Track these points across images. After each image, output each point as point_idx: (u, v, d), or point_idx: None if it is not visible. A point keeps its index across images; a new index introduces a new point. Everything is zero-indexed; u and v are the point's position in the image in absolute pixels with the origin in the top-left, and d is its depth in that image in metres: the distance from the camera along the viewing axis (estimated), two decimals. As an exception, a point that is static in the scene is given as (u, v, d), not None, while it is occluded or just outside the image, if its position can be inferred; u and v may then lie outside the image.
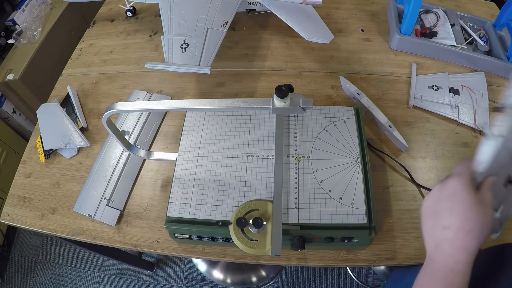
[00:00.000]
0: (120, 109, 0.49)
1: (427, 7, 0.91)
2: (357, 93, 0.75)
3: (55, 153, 0.76)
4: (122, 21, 1.01)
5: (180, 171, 0.62)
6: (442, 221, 0.38)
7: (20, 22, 1.42)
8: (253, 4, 0.82)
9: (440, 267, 0.36)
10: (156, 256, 1.48)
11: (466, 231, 0.36)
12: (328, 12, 0.96)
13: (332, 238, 0.55)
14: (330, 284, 1.36)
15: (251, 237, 0.52)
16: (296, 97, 0.44)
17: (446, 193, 0.38)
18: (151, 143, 0.75)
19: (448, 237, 0.37)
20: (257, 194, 0.58)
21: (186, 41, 0.70)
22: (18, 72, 1.33)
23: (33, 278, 1.51)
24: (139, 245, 0.63)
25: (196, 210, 0.58)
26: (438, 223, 0.38)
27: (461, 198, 0.37)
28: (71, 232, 0.66)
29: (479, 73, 0.81)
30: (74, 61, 0.94)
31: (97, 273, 1.49)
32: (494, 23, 0.87)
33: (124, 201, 0.67)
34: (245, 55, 0.88)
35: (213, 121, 0.68)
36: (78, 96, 0.85)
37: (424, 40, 0.84)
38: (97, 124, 0.79)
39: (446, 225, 0.37)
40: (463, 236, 0.36)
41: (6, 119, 1.48)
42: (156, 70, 0.85)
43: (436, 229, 0.38)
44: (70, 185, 0.71)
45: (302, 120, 0.66)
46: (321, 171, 0.60)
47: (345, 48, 0.88)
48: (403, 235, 0.60)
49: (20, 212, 0.70)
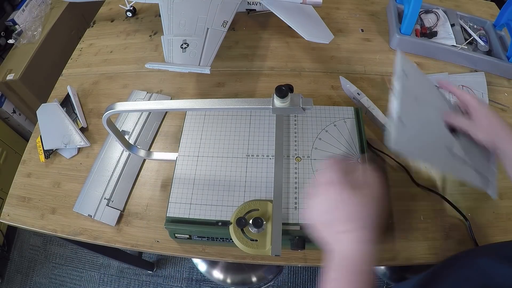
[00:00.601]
0: (120, 109, 0.49)
1: (427, 7, 0.91)
2: (357, 93, 0.75)
3: (55, 153, 0.76)
4: (122, 21, 1.01)
5: (180, 171, 0.62)
6: (334, 229, 0.42)
7: (20, 22, 1.42)
8: (253, 4, 0.82)
9: (348, 259, 0.40)
10: (156, 256, 1.48)
11: (364, 227, 0.41)
12: (328, 12, 0.96)
13: (332, 238, 0.55)
14: (330, 284, 1.36)
15: (251, 237, 0.52)
16: (296, 97, 0.44)
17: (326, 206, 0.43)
18: (151, 143, 0.75)
19: (343, 238, 0.41)
20: (257, 194, 0.58)
21: (186, 41, 0.70)
22: (18, 72, 1.33)
23: (33, 278, 1.51)
24: (139, 245, 0.63)
25: (196, 210, 0.58)
26: (331, 231, 0.42)
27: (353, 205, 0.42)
28: (71, 232, 0.66)
29: (479, 73, 0.81)
30: (74, 61, 0.94)
31: (97, 273, 1.49)
32: (494, 23, 0.87)
33: (124, 201, 0.67)
34: (245, 55, 0.88)
35: (213, 121, 0.68)
36: (78, 96, 0.85)
37: (424, 40, 0.84)
38: (97, 124, 0.79)
39: (347, 229, 0.41)
40: (355, 233, 0.41)
41: (6, 119, 1.48)
42: (156, 70, 0.85)
43: (331, 234, 0.42)
44: (70, 185, 0.71)
45: (302, 120, 0.66)
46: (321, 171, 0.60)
47: (345, 48, 0.88)
48: (403, 235, 0.60)
49: (20, 212, 0.70)
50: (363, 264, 0.40)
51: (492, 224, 0.62)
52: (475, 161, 0.54)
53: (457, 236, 0.60)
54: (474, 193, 0.64)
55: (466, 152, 0.54)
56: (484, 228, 0.61)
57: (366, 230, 0.41)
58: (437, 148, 0.52)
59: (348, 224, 0.41)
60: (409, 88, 0.53)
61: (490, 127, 0.53)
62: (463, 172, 0.53)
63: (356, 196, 0.42)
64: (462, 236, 0.60)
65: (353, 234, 0.41)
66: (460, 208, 0.61)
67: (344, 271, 0.40)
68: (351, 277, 0.39)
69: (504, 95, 0.78)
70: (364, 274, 0.40)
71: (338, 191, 0.43)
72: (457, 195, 0.64)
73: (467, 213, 0.61)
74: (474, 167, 0.54)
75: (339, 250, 0.41)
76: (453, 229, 0.61)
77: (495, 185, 0.54)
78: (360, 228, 0.41)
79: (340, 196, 0.42)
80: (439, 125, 0.55)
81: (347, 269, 0.40)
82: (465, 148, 0.55)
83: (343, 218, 0.42)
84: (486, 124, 0.53)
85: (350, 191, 0.42)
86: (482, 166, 0.55)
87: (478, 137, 0.53)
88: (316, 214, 0.45)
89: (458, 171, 0.53)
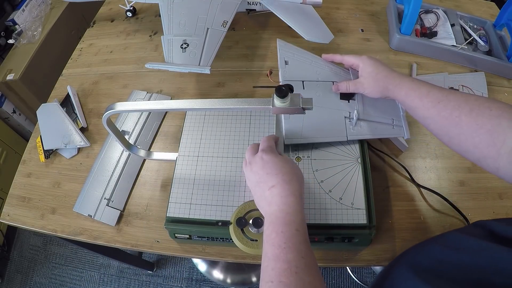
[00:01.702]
0: (120, 109, 0.49)
1: (427, 7, 0.91)
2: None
3: (55, 153, 0.76)
4: (122, 21, 1.01)
5: (180, 171, 0.62)
6: (268, 184, 0.46)
7: (20, 22, 1.42)
8: (253, 4, 0.82)
9: (278, 214, 0.43)
10: (156, 256, 1.48)
11: (287, 181, 0.45)
12: (328, 12, 0.96)
13: (332, 238, 0.55)
14: (330, 284, 1.36)
15: (251, 237, 0.52)
16: (296, 97, 0.44)
17: (259, 165, 0.48)
18: (151, 143, 0.75)
19: (276, 192, 0.45)
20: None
21: (186, 41, 0.70)
22: (18, 72, 1.33)
23: (33, 278, 1.51)
24: (139, 245, 0.63)
25: (196, 210, 0.58)
26: (265, 187, 0.46)
27: (273, 163, 0.47)
28: (71, 232, 0.66)
29: (479, 73, 0.81)
30: (74, 61, 0.94)
31: (97, 273, 1.49)
32: (494, 23, 0.87)
33: (124, 201, 0.67)
34: (245, 55, 0.88)
35: (213, 121, 0.68)
36: (78, 96, 0.85)
37: (424, 40, 0.84)
38: (97, 124, 0.79)
39: (271, 184, 0.46)
40: (287, 185, 0.45)
41: (6, 119, 1.48)
42: (156, 70, 0.85)
43: (265, 192, 0.46)
44: (70, 185, 0.71)
45: (302, 120, 0.66)
46: (321, 171, 0.60)
47: (345, 48, 0.88)
48: (403, 235, 0.60)
49: (20, 212, 0.70)
50: (291, 214, 0.43)
51: (492, 224, 0.62)
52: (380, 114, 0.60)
53: (457, 236, 0.60)
54: (474, 193, 0.64)
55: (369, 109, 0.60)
56: (484, 228, 0.61)
57: (289, 184, 0.45)
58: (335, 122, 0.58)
59: (271, 179, 0.46)
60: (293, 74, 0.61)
61: (376, 82, 0.55)
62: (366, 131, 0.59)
63: (276, 157, 0.48)
64: (462, 236, 0.60)
65: (277, 189, 0.45)
66: (460, 208, 0.61)
67: (275, 224, 0.43)
68: (281, 228, 0.42)
69: (504, 95, 0.78)
70: (293, 224, 0.42)
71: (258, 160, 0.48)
72: (457, 195, 0.64)
73: (467, 213, 0.61)
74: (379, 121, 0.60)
75: (269, 210, 0.45)
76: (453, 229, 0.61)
77: (405, 127, 0.60)
78: (283, 182, 0.45)
79: (261, 161, 0.48)
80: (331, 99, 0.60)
81: (277, 222, 0.43)
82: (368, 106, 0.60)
83: (266, 176, 0.46)
84: (372, 80, 0.56)
85: (268, 155, 0.48)
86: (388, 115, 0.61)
87: (371, 96, 0.57)
88: (251, 189, 0.50)
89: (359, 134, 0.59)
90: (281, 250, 0.40)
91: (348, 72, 0.64)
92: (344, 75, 0.63)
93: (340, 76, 0.63)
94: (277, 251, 0.40)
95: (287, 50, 0.63)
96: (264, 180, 0.47)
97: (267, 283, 0.38)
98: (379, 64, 0.57)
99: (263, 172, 0.47)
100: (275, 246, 0.41)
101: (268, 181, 0.46)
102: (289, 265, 0.38)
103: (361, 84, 0.58)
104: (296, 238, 0.41)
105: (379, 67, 0.56)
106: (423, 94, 0.50)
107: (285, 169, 0.47)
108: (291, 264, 0.38)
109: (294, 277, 0.37)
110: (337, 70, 0.64)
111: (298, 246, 0.40)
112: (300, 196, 0.46)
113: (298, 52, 0.64)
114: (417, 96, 0.51)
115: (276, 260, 0.39)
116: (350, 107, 0.60)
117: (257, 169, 0.48)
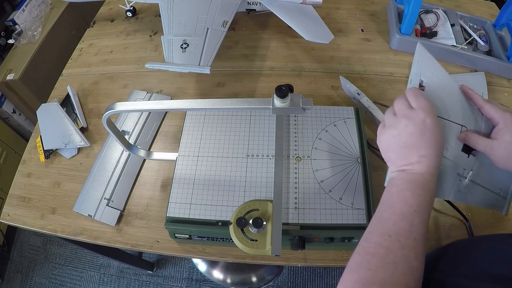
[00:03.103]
0: (120, 109, 0.49)
1: (427, 7, 0.91)
2: (357, 93, 0.75)
3: (55, 153, 0.76)
4: (122, 21, 1.01)
5: (180, 171, 0.62)
6: (420, 151, 0.42)
7: (20, 22, 1.42)
8: (253, 4, 0.82)
9: (419, 177, 0.41)
10: (156, 256, 1.48)
11: (439, 155, 0.42)
12: (328, 12, 0.96)
13: (332, 238, 0.55)
14: (330, 284, 1.36)
15: (251, 237, 0.52)
16: (296, 97, 0.44)
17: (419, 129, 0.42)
18: (151, 143, 0.75)
19: (425, 161, 0.41)
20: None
21: (186, 41, 0.70)
22: (18, 72, 1.33)
23: (33, 278, 1.51)
24: (139, 245, 0.63)
25: (196, 210, 0.58)
26: (415, 152, 0.42)
27: (435, 133, 0.42)
28: (71, 232, 0.66)
29: (479, 73, 0.81)
30: (74, 61, 0.94)
31: (97, 273, 1.49)
32: (494, 23, 0.87)
33: (124, 201, 0.67)
34: (245, 55, 0.88)
35: (213, 121, 0.68)
36: (78, 96, 0.85)
37: (424, 40, 0.84)
38: (97, 124, 0.79)
39: (424, 154, 0.42)
40: (437, 159, 0.42)
41: (6, 119, 1.48)
42: (156, 70, 0.85)
43: (413, 156, 0.42)
44: (70, 185, 0.71)
45: (302, 120, 0.66)
46: (321, 171, 0.60)
47: (345, 48, 0.88)
48: (403, 235, 0.60)
49: (20, 212, 0.70)
50: (431, 183, 0.41)
51: (492, 224, 0.62)
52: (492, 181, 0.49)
53: (457, 236, 0.60)
54: (474, 193, 0.64)
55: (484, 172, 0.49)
56: (484, 228, 0.61)
57: (438, 157, 0.42)
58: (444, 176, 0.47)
59: (425, 148, 0.42)
60: None
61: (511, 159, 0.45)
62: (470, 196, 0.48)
63: (438, 126, 0.42)
64: (462, 236, 0.60)
65: (427, 160, 0.41)
66: (460, 208, 0.61)
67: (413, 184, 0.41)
68: (419, 191, 0.40)
69: (504, 95, 0.78)
70: (429, 193, 0.40)
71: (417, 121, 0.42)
72: (457, 195, 0.64)
73: (467, 213, 0.61)
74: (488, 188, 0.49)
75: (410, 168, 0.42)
76: (453, 229, 0.61)
77: (508, 201, 0.50)
78: (435, 156, 0.42)
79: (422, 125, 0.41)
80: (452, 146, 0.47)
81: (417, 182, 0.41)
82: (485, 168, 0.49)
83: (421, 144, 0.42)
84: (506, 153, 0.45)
85: (431, 120, 0.42)
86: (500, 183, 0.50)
87: (496, 164, 0.46)
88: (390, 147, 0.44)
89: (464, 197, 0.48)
90: (411, 211, 0.38)
91: (481, 120, 0.49)
92: (478, 122, 0.49)
93: (473, 120, 0.48)
94: (407, 210, 0.39)
95: (427, 65, 0.47)
96: (416, 146, 0.42)
97: (383, 234, 0.38)
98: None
99: (421, 139, 0.41)
100: (407, 204, 0.39)
101: (421, 148, 0.41)
102: (411, 228, 0.37)
103: (491, 149, 0.46)
104: (428, 206, 0.40)
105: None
106: None
107: (440, 142, 0.42)
108: (413, 228, 0.38)
109: (411, 242, 0.37)
110: (472, 114, 0.49)
111: (426, 214, 0.39)
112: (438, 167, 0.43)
113: (438, 72, 0.48)
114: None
115: (402, 218, 0.38)
116: (466, 164, 0.48)
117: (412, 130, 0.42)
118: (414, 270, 0.36)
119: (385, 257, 0.36)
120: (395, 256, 0.36)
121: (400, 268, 0.35)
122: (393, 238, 0.37)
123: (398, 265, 0.36)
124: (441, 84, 0.47)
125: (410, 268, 0.36)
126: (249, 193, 0.58)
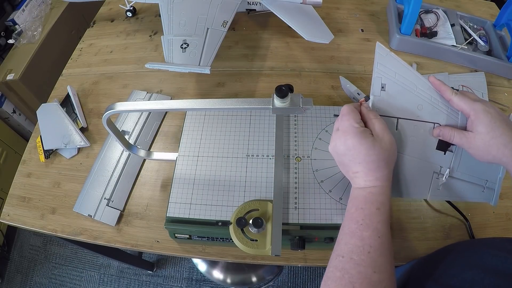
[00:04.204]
0: (120, 109, 0.49)
1: (427, 7, 0.91)
2: (357, 93, 0.75)
3: (55, 153, 0.76)
4: (122, 21, 1.01)
5: (180, 171, 0.62)
6: (352, 169, 0.44)
7: (20, 22, 1.42)
8: (253, 4, 0.82)
9: (360, 192, 0.42)
10: (156, 256, 1.48)
11: (373, 170, 0.42)
12: (328, 12, 0.96)
13: (332, 238, 0.55)
14: (330, 284, 1.36)
15: (251, 237, 0.52)
16: (296, 97, 0.44)
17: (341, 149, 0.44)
18: (151, 143, 0.75)
19: (360, 176, 0.43)
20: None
21: (186, 41, 0.70)
22: (18, 72, 1.33)
23: (33, 278, 1.51)
24: (139, 245, 0.63)
25: (196, 210, 0.58)
26: (349, 170, 0.44)
27: (356, 151, 0.42)
28: (71, 232, 0.66)
29: (479, 73, 0.81)
30: (74, 61, 0.94)
31: (97, 273, 1.49)
32: (494, 23, 0.87)
33: (124, 201, 0.67)
34: (245, 55, 0.88)
35: (213, 121, 0.68)
36: (78, 96, 0.85)
37: (424, 40, 0.84)
38: (97, 124, 0.79)
39: (355, 171, 0.43)
40: (371, 173, 0.42)
41: (6, 119, 1.48)
42: (156, 70, 0.85)
43: (349, 173, 0.45)
44: (70, 185, 0.71)
45: (302, 120, 0.66)
46: (321, 171, 0.60)
47: (345, 48, 0.88)
48: (403, 235, 0.60)
49: (20, 212, 0.70)
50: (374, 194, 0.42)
51: (492, 224, 0.62)
52: (475, 174, 0.48)
53: (457, 236, 0.60)
54: (474, 193, 0.64)
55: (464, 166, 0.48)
56: (484, 228, 0.61)
57: (374, 171, 0.42)
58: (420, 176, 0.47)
59: (354, 166, 0.43)
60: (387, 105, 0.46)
61: (487, 149, 0.43)
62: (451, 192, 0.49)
63: (361, 144, 0.42)
64: (462, 236, 0.60)
65: (360, 175, 0.43)
66: (460, 208, 0.61)
67: (356, 200, 0.42)
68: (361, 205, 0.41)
69: (504, 95, 0.79)
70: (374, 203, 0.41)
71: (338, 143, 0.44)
72: (457, 195, 0.64)
73: (467, 213, 0.61)
74: (471, 181, 0.49)
75: (353, 184, 0.44)
76: (453, 229, 0.61)
77: (497, 191, 0.49)
78: (367, 170, 0.42)
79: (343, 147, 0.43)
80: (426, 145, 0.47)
81: (359, 198, 0.42)
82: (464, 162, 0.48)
83: (349, 162, 0.44)
84: (482, 144, 0.43)
85: (351, 140, 0.43)
86: (484, 175, 0.49)
87: (474, 157, 0.45)
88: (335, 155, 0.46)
89: (444, 194, 0.48)
90: (357, 226, 0.39)
91: (457, 113, 0.47)
92: (452, 116, 0.47)
93: (446, 116, 0.47)
94: (354, 226, 0.39)
95: (387, 66, 0.46)
96: (348, 164, 0.44)
97: (337, 256, 0.38)
98: (496, 125, 0.42)
99: (346, 158, 0.44)
100: (352, 221, 0.40)
101: (351, 166, 0.44)
102: (363, 243, 0.38)
103: (467, 140, 0.44)
104: (376, 217, 0.40)
105: (495, 130, 0.42)
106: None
107: (371, 157, 0.41)
108: (365, 242, 0.38)
109: (365, 256, 0.37)
110: (445, 108, 0.47)
111: (376, 225, 0.39)
112: (387, 179, 0.43)
113: (401, 70, 0.46)
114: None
115: (351, 236, 0.39)
116: (443, 161, 0.48)
117: (340, 151, 0.44)
118: (375, 284, 0.36)
119: (341, 279, 0.37)
120: (350, 276, 0.36)
121: (358, 286, 0.36)
122: (346, 257, 0.37)
123: (355, 284, 0.36)
124: (407, 83, 0.47)
125: (369, 283, 0.36)
126: (249, 193, 0.58)
